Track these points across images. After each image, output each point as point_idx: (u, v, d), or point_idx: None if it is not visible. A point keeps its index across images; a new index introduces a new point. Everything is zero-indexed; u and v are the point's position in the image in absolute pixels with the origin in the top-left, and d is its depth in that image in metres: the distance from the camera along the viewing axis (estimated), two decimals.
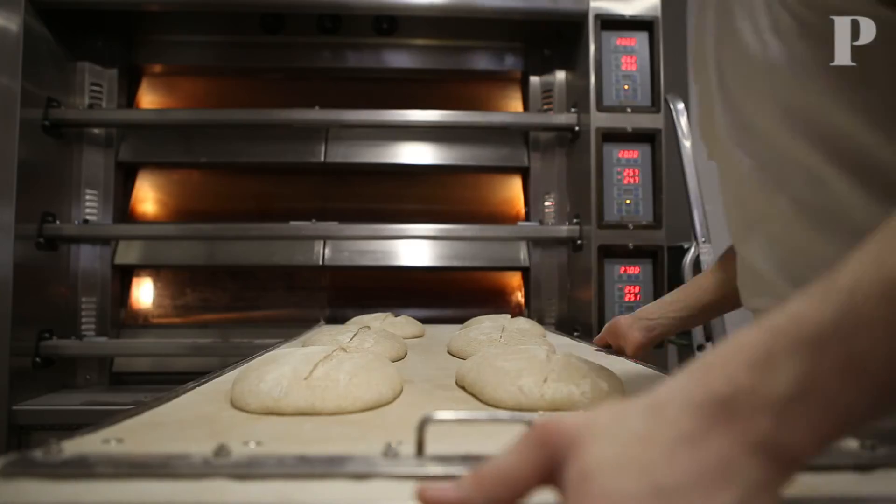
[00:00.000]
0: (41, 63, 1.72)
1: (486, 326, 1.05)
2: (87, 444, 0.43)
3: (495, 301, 2.19)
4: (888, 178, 0.52)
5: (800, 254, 0.60)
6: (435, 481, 0.30)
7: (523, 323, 1.32)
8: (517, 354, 0.65)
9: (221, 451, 0.39)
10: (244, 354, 1.85)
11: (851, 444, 0.42)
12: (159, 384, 1.88)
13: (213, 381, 0.70)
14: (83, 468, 0.37)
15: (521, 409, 0.56)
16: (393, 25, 2.03)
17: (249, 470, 0.37)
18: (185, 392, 0.63)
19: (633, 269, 1.74)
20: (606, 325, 1.05)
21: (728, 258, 0.93)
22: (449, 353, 1.00)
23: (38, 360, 1.67)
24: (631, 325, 1.00)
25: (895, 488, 0.36)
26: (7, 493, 0.34)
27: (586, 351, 1.05)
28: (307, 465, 0.38)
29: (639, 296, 1.73)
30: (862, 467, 0.39)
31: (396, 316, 1.40)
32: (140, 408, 0.55)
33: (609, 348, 1.05)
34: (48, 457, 0.38)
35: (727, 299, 0.91)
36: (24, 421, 1.58)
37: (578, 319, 1.87)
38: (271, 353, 0.66)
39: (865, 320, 0.27)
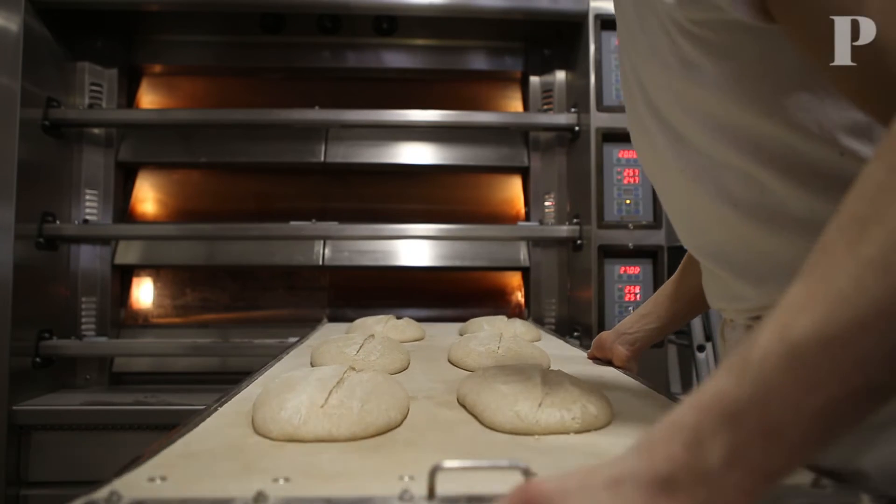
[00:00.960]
0: (41, 63, 1.73)
1: (484, 336, 1.06)
2: (134, 482, 0.46)
3: (495, 301, 2.20)
4: (814, 169, 0.54)
5: (751, 253, 0.61)
6: None
7: (519, 326, 1.36)
8: (514, 376, 0.69)
9: (260, 497, 0.43)
10: (244, 354, 1.86)
11: (805, 479, 0.46)
12: (159, 384, 1.89)
13: (233, 399, 0.73)
14: None
15: (517, 433, 0.60)
16: (393, 25, 2.03)
17: None
18: (209, 415, 0.66)
19: (633, 269, 1.74)
20: (594, 341, 1.09)
21: (688, 263, 0.97)
22: (449, 360, 1.03)
23: (38, 360, 1.67)
24: (614, 340, 1.04)
25: None
26: None
27: (580, 359, 1.07)
28: None
29: (639, 296, 1.73)
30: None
31: (399, 318, 1.41)
32: (172, 436, 0.58)
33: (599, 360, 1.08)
34: (111, 503, 0.42)
35: (694, 303, 0.96)
36: (24, 421, 1.58)
37: (578, 319, 1.87)
38: (287, 375, 0.68)
39: (775, 391, 0.31)
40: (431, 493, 0.43)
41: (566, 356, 1.09)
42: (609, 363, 1.04)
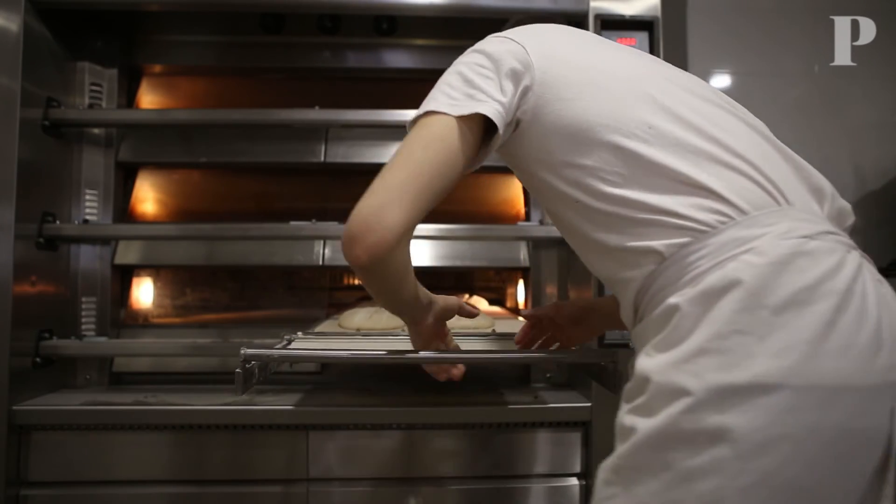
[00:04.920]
0: (41, 63, 1.73)
1: None
2: (295, 342, 1.34)
3: (495, 301, 2.19)
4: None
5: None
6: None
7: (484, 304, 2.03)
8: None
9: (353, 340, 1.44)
10: None
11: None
12: (159, 384, 1.88)
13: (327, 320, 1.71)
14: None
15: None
16: (393, 25, 2.03)
17: (358, 353, 1.16)
18: (324, 320, 1.72)
19: None
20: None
21: None
22: None
23: (38, 360, 1.67)
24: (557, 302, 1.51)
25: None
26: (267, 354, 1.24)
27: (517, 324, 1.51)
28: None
29: None
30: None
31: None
32: (311, 328, 1.51)
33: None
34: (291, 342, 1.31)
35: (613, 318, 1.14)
36: (24, 421, 1.58)
37: None
38: (353, 310, 1.70)
39: (410, 306, 1.02)
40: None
41: (510, 324, 1.73)
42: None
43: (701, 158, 0.74)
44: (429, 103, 0.89)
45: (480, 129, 0.85)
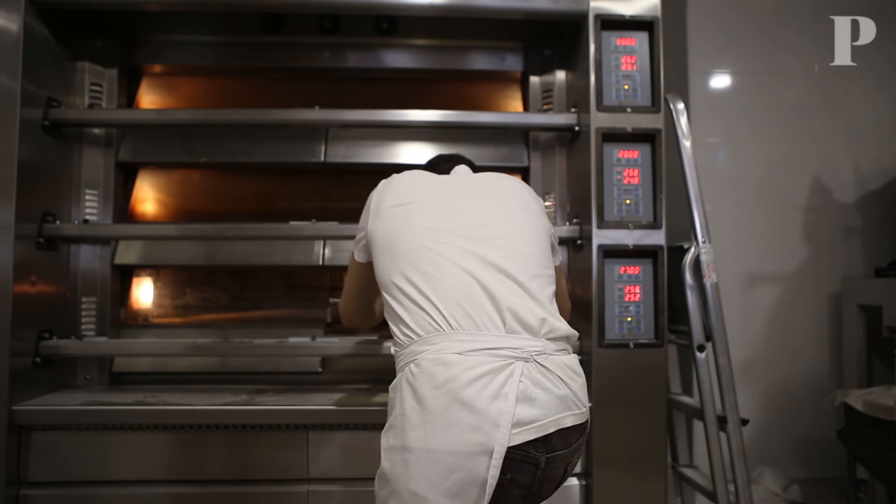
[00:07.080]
0: (41, 63, 1.73)
1: None
2: None
3: None
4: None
5: None
6: None
7: None
8: None
9: None
10: (244, 354, 1.87)
11: None
12: (159, 384, 1.89)
13: None
14: None
15: None
16: (393, 25, 2.03)
17: None
18: None
19: (633, 269, 1.74)
20: None
21: None
22: None
23: (38, 360, 1.68)
24: None
25: None
26: None
27: None
28: None
29: (639, 296, 1.73)
30: None
31: None
32: None
33: None
34: None
35: None
36: (24, 421, 1.58)
37: (578, 320, 1.86)
38: None
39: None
40: None
41: None
42: None
43: (410, 303, 1.15)
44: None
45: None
